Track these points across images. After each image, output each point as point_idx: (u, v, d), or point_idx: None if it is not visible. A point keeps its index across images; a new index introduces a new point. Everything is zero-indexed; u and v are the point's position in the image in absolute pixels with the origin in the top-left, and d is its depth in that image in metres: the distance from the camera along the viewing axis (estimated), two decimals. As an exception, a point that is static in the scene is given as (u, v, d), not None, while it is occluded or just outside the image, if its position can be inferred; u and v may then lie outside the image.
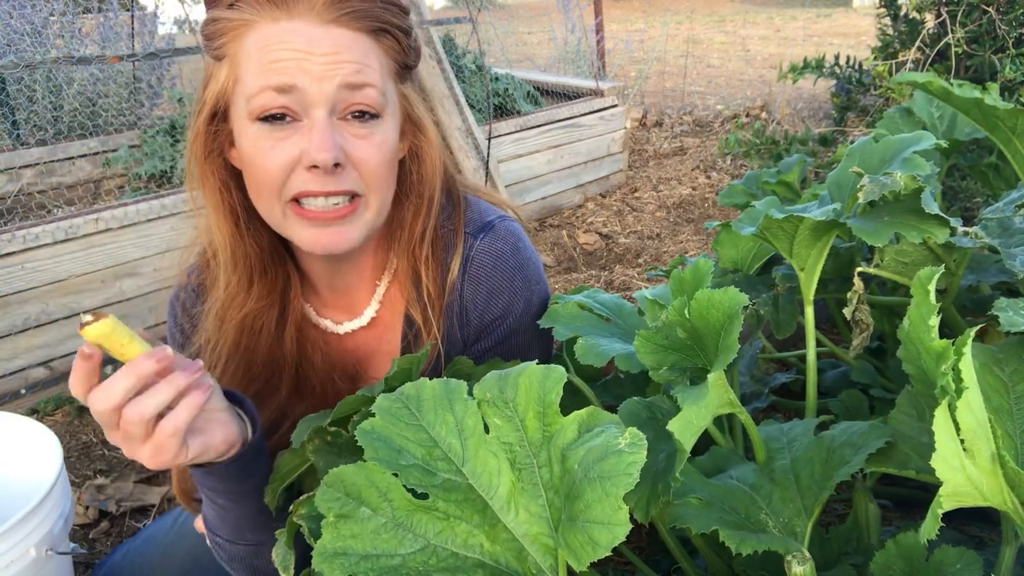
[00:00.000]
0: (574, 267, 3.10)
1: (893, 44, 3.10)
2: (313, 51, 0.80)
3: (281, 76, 0.80)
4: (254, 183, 0.86)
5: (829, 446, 0.83)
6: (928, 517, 0.63)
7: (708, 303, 0.80)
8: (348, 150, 0.83)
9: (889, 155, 1.01)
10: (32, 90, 4.08)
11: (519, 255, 0.99)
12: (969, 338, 0.66)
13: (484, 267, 0.96)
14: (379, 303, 1.01)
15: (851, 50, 5.86)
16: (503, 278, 0.97)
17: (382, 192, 0.88)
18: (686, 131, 5.03)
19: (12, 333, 2.23)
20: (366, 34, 0.84)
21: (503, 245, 0.97)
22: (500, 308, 0.97)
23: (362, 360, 1.05)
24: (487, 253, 0.97)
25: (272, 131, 0.82)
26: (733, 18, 11.77)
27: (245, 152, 0.85)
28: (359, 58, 0.82)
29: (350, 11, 0.82)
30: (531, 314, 1.00)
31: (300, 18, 0.80)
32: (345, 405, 0.83)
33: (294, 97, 0.80)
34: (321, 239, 0.85)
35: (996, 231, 1.02)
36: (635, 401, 0.86)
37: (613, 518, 0.58)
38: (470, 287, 0.96)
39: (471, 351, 0.99)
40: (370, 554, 0.66)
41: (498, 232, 0.98)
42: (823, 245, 0.97)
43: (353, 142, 0.84)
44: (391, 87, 0.88)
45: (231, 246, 0.91)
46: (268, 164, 0.82)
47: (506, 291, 0.97)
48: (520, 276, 0.98)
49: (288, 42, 0.80)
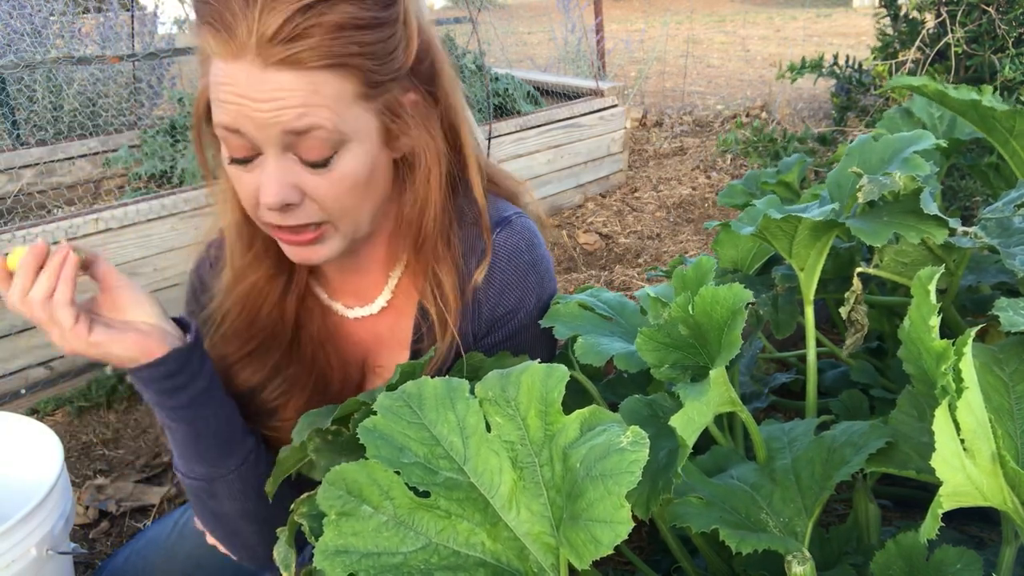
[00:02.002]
0: (574, 267, 3.10)
1: (893, 44, 3.10)
2: (253, 97, 0.75)
3: (228, 117, 0.78)
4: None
5: (830, 446, 0.83)
6: (928, 517, 0.64)
7: (712, 299, 0.80)
8: (303, 187, 0.81)
9: (888, 155, 1.02)
10: (32, 90, 4.08)
11: (534, 252, 0.98)
12: (969, 338, 0.66)
13: (499, 261, 0.96)
14: (392, 292, 1.01)
15: (851, 50, 5.86)
16: (517, 274, 0.97)
17: (351, 214, 0.86)
18: (686, 131, 5.03)
19: (12, 333, 2.23)
20: (319, 71, 0.76)
21: (519, 240, 0.97)
22: (512, 303, 0.97)
23: (372, 348, 1.06)
24: (503, 248, 0.96)
25: (239, 164, 0.82)
26: (733, 18, 11.77)
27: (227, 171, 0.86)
28: (303, 100, 0.76)
29: (296, 51, 0.74)
30: (541, 311, 1.00)
31: (244, 59, 0.75)
32: (346, 406, 0.83)
33: (245, 138, 0.79)
34: (297, 255, 0.88)
35: (995, 231, 1.03)
36: (636, 399, 0.87)
37: (615, 516, 0.59)
38: (483, 281, 0.96)
39: (480, 344, 0.99)
40: (371, 552, 0.66)
41: (515, 227, 0.97)
42: (822, 245, 0.97)
43: (308, 179, 0.81)
44: (357, 112, 0.80)
45: (237, 226, 0.94)
46: (242, 191, 0.84)
47: (519, 287, 0.97)
48: (534, 272, 0.98)
49: (231, 85, 0.76)
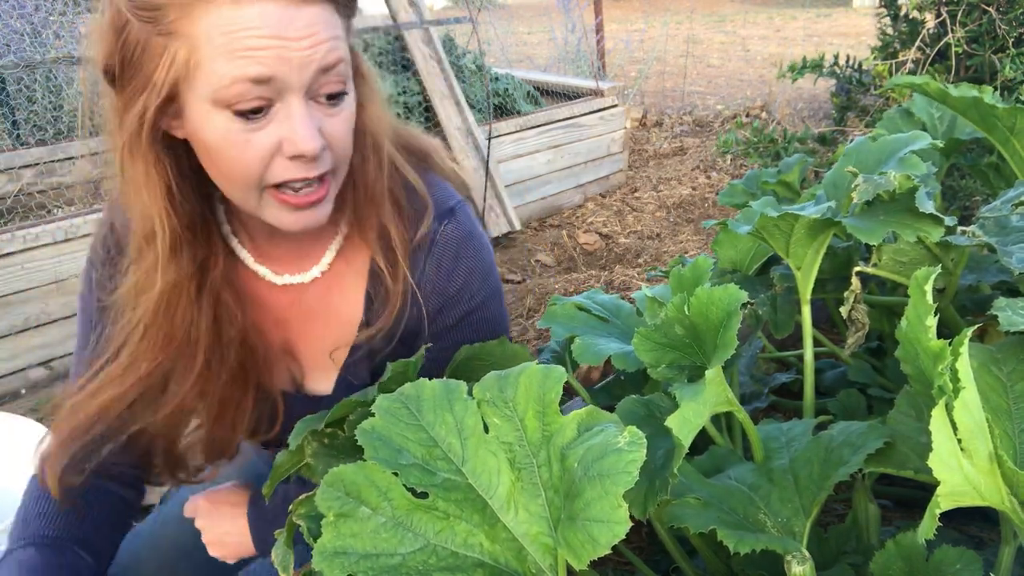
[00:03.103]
0: (574, 267, 3.10)
1: (893, 44, 3.10)
2: (290, 36, 0.74)
3: (258, 66, 0.74)
4: (223, 172, 0.82)
5: (827, 446, 0.83)
6: (926, 517, 0.64)
7: (707, 300, 0.80)
8: (324, 131, 0.81)
9: (886, 155, 1.02)
10: (32, 90, 4.08)
11: (479, 238, 1.02)
12: (966, 338, 0.66)
13: (448, 248, 0.98)
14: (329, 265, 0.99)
15: (851, 50, 5.86)
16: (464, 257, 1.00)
17: (345, 161, 0.86)
18: (686, 131, 5.03)
19: (12, 333, 2.24)
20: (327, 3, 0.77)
21: (465, 229, 1.00)
22: (459, 282, 1.00)
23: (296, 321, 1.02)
24: (451, 237, 0.99)
25: (247, 123, 0.77)
26: (733, 18, 11.77)
27: (210, 140, 0.79)
28: (332, 33, 0.76)
29: None
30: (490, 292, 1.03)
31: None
32: (340, 408, 0.83)
33: (271, 87, 0.75)
34: (299, 221, 0.84)
35: (994, 230, 1.03)
36: (633, 399, 0.87)
37: (613, 516, 0.59)
38: (431, 266, 0.98)
39: (433, 326, 1.01)
40: (370, 553, 0.66)
41: (459, 217, 1.00)
42: (819, 244, 0.97)
43: (327, 122, 0.81)
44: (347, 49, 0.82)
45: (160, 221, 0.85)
46: (244, 157, 0.79)
47: (464, 270, 1.00)
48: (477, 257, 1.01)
49: (260, 28, 0.73)
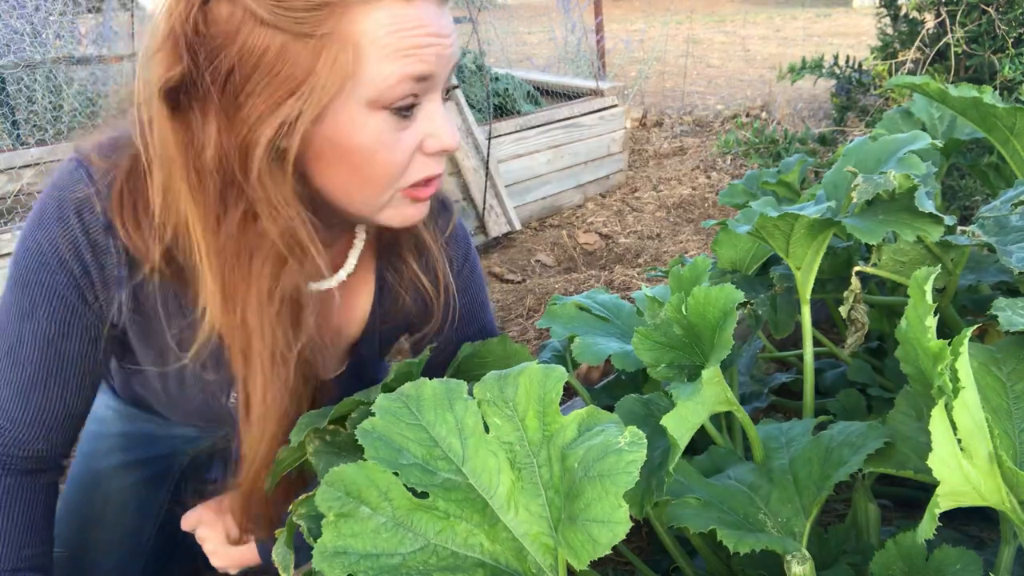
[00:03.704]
0: (574, 267, 3.10)
1: (893, 44, 3.10)
2: (442, 33, 0.76)
3: (424, 64, 0.75)
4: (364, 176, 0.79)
5: (827, 446, 0.83)
6: (925, 517, 0.64)
7: (705, 300, 0.81)
8: None
9: (885, 155, 1.02)
10: (32, 90, 4.08)
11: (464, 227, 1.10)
12: (965, 338, 0.66)
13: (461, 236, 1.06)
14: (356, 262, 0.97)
15: (851, 50, 5.86)
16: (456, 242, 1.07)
17: None
18: (686, 131, 5.03)
19: (13, 333, 2.23)
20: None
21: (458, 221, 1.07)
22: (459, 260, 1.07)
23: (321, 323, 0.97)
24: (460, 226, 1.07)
25: (399, 122, 0.78)
26: (733, 18, 11.77)
27: (362, 144, 0.77)
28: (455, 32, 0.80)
29: None
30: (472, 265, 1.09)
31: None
32: (343, 406, 0.83)
33: (426, 84, 0.77)
34: (419, 213, 0.87)
35: (993, 229, 1.03)
36: (632, 398, 0.87)
37: (613, 516, 0.59)
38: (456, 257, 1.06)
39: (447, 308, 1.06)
40: (370, 553, 0.67)
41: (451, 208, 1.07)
42: (819, 244, 0.97)
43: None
44: None
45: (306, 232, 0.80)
46: (394, 156, 0.79)
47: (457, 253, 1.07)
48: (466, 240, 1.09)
49: (425, 26, 0.75)
